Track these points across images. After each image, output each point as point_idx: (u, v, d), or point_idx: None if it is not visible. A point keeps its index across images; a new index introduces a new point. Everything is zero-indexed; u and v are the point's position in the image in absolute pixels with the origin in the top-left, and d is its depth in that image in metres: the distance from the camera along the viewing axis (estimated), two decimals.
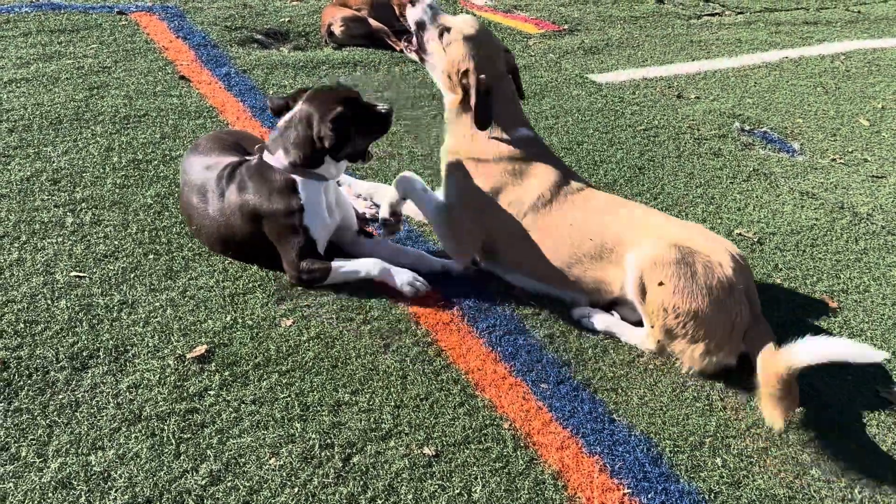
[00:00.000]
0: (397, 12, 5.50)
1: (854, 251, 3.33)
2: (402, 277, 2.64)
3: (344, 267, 2.64)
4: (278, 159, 2.60)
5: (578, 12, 6.81)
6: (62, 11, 4.94)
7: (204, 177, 2.70)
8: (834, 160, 4.30)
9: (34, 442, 1.92)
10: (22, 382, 2.09)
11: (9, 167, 3.11)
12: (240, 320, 2.43)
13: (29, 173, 3.08)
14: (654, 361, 2.49)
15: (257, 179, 2.61)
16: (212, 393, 2.13)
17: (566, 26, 6.32)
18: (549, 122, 4.31)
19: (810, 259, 3.22)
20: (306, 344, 2.37)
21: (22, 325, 2.29)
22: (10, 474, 1.83)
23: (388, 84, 4.59)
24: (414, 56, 2.87)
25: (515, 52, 5.44)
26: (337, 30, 5.11)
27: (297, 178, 2.60)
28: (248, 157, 2.76)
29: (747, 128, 4.60)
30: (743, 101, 5.03)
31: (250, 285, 2.61)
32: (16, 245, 2.65)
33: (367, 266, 2.66)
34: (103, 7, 5.18)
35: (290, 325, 2.44)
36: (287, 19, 5.44)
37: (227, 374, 2.21)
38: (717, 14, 7.36)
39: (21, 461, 1.87)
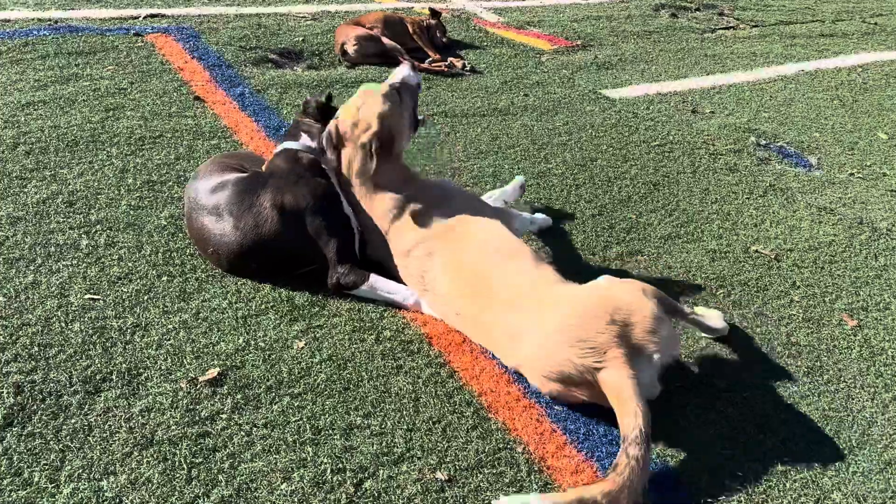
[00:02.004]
0: (410, 31, 5.54)
1: (874, 267, 3.28)
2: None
3: (380, 285, 2.67)
4: (304, 141, 2.67)
5: (592, 28, 6.81)
6: (80, 34, 5.01)
7: (216, 198, 2.71)
8: (852, 174, 4.25)
9: (47, 467, 1.92)
10: (35, 406, 2.09)
11: (25, 189, 3.14)
12: (252, 342, 2.43)
13: (45, 196, 3.11)
14: (672, 384, 2.45)
15: (286, 168, 2.70)
16: (224, 416, 2.13)
17: (579, 42, 6.32)
18: (563, 138, 4.29)
19: (829, 276, 3.18)
20: (318, 366, 2.36)
21: (36, 349, 2.29)
22: (23, 499, 1.83)
23: None
24: None
25: (528, 69, 5.46)
26: (350, 48, 5.14)
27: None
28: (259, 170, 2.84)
29: (763, 142, 4.56)
30: (759, 116, 5.00)
31: (263, 307, 2.60)
32: (31, 268, 2.67)
33: (403, 293, 2.68)
34: (120, 29, 5.24)
35: (303, 347, 2.43)
36: (301, 38, 5.48)
37: (239, 397, 2.20)
38: (731, 27, 7.33)
39: (34, 486, 1.86)
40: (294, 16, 6.10)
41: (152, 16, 5.65)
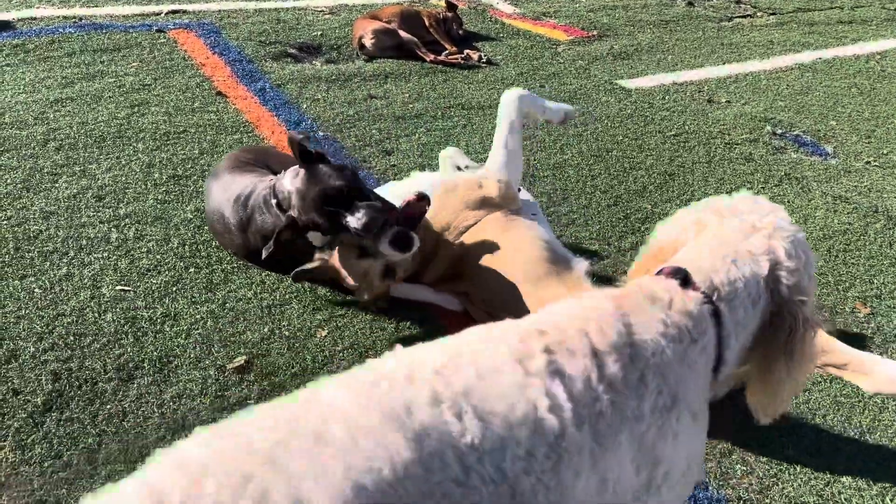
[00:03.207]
0: (426, 23, 5.59)
1: (888, 255, 3.30)
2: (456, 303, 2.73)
3: (399, 292, 2.74)
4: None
5: (608, 17, 6.82)
6: (104, 31, 5.12)
7: (223, 200, 2.77)
8: (868, 163, 4.25)
9: (85, 450, 2.02)
10: (73, 393, 2.20)
11: (56, 185, 3.25)
12: (277, 331, 2.52)
13: (75, 190, 3.21)
14: None
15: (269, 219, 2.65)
16: (251, 403, 2.21)
17: (595, 32, 6.34)
18: (579, 129, 4.34)
19: (843, 264, 3.21)
20: (340, 354, 2.44)
21: (72, 338, 2.40)
22: (63, 481, 1.93)
23: (417, 95, 4.66)
24: None
25: (545, 60, 5.50)
26: (368, 42, 5.20)
27: None
28: (263, 179, 2.81)
29: (779, 131, 4.57)
30: (775, 104, 5.00)
31: (287, 297, 2.69)
32: (64, 260, 2.77)
33: (420, 293, 2.74)
34: (143, 25, 5.34)
35: (325, 336, 2.52)
36: (319, 32, 5.56)
37: (265, 384, 2.29)
38: (748, 15, 7.30)
39: (73, 468, 1.97)
40: (312, 10, 6.17)
41: (174, 11, 5.75)
